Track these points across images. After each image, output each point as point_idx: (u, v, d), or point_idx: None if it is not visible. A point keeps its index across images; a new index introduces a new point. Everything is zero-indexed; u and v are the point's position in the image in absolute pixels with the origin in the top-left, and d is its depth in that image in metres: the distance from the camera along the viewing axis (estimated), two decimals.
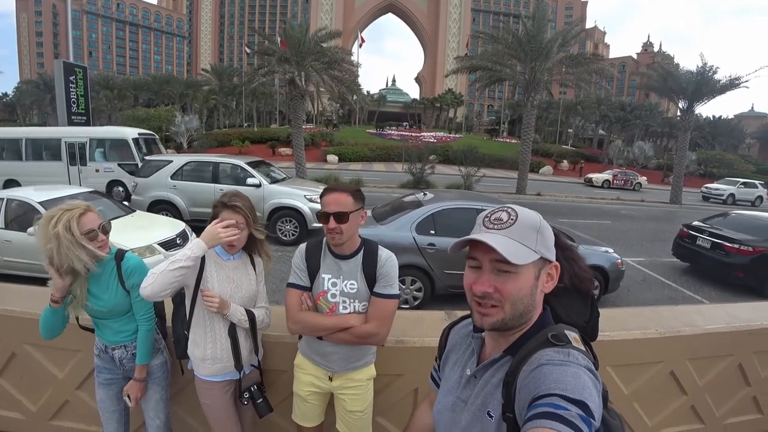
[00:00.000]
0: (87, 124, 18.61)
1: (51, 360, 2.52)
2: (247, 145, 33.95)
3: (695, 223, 8.50)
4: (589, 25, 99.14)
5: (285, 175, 10.23)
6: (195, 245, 1.67)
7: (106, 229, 1.82)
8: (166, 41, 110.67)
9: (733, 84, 18.88)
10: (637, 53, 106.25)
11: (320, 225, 5.31)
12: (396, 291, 1.76)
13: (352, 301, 1.76)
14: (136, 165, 12.06)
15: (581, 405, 0.70)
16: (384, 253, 1.79)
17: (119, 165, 12.75)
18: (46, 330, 1.86)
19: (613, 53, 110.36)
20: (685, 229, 8.46)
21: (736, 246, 7.24)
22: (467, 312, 1.08)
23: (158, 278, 1.61)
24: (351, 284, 1.75)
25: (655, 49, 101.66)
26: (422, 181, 17.80)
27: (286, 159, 25.68)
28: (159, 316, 2.10)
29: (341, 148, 34.06)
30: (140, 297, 1.84)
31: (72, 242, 1.66)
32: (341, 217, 1.65)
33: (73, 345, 2.36)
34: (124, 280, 1.88)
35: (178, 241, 6.09)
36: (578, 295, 0.96)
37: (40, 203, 5.72)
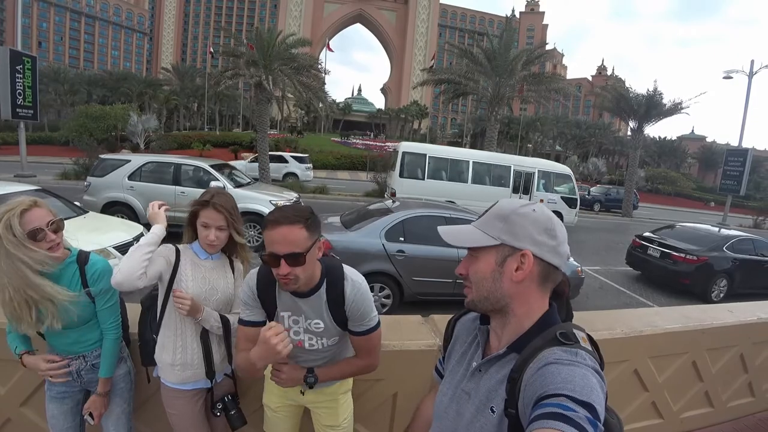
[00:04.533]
0: (34, 118, 17.43)
1: None
2: (209, 149, 32.98)
3: (646, 233, 9.06)
4: (549, 46, 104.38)
5: (249, 180, 9.98)
6: (153, 228, 1.73)
7: (58, 227, 1.60)
8: (125, 36, 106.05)
9: (677, 108, 20.50)
10: (592, 75, 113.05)
11: None
12: (374, 321, 1.49)
13: (319, 338, 1.50)
14: (576, 200, 14.19)
15: (588, 407, 0.70)
16: (349, 287, 1.44)
17: (562, 198, 13.88)
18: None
19: (570, 74, 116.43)
20: (637, 240, 9.01)
21: (682, 255, 7.79)
22: (446, 315, 1.20)
23: (126, 264, 1.56)
24: (316, 323, 1.47)
25: (608, 72, 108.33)
26: (387, 190, 17.89)
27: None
28: (122, 322, 1.91)
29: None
30: (108, 304, 1.73)
31: (14, 243, 1.45)
32: (295, 259, 1.28)
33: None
34: (89, 285, 1.68)
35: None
36: (553, 295, 0.96)
37: None
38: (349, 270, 1.49)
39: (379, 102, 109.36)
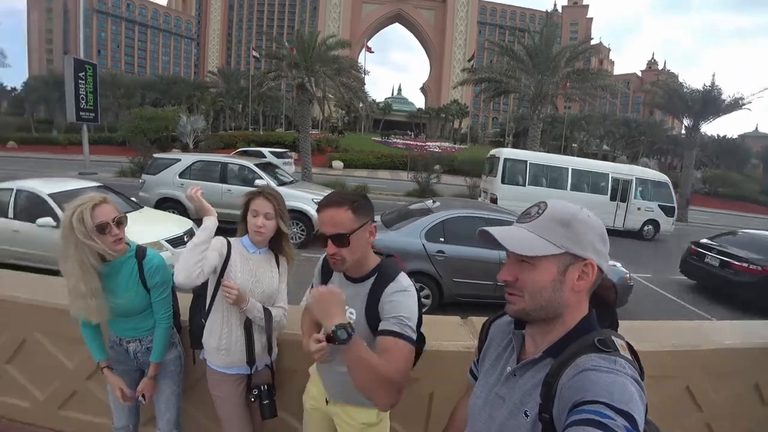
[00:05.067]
0: (95, 120, 18.70)
1: (61, 349, 2.51)
2: (254, 147, 34.06)
3: (704, 240, 8.46)
4: (594, 41, 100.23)
5: (292, 179, 10.25)
6: (204, 222, 1.80)
7: (120, 222, 1.76)
8: (174, 42, 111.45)
9: (737, 104, 19.04)
10: (641, 70, 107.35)
11: None
12: (406, 332, 1.28)
13: None
14: (674, 208, 13.97)
15: (627, 416, 0.68)
16: (396, 284, 1.38)
17: (659, 206, 13.70)
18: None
19: (618, 70, 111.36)
20: (693, 247, 8.43)
21: (745, 264, 7.20)
22: (486, 317, 1.16)
23: (183, 264, 1.65)
24: (350, 312, 1.43)
25: (659, 67, 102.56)
26: (428, 190, 17.85)
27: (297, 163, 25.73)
28: (173, 310, 2.08)
29: (346, 154, 34.07)
30: (162, 296, 1.88)
31: (83, 234, 1.62)
32: (340, 239, 1.34)
33: None
34: (146, 279, 1.84)
35: (185, 239, 6.08)
36: (598, 302, 0.93)
37: (49, 195, 5.74)
38: (403, 277, 1.43)
39: (419, 101, 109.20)
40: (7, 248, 5.62)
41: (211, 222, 1.79)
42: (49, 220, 5.50)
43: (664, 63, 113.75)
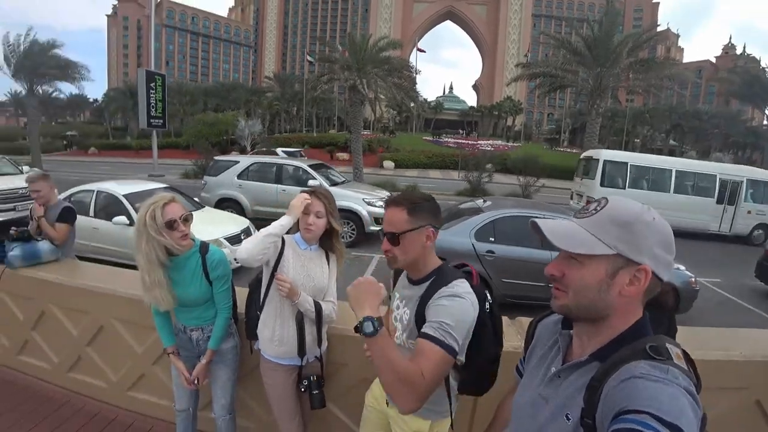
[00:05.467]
0: (163, 127, 20.14)
1: (133, 335, 2.73)
2: (307, 149, 35.13)
3: None
4: (661, 27, 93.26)
5: (344, 179, 10.45)
6: (283, 219, 1.85)
7: (187, 219, 1.92)
8: (233, 51, 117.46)
9: None
10: (715, 57, 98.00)
11: (378, 228, 5.40)
12: (443, 337, 1.22)
13: (402, 333, 1.48)
14: None
15: (675, 430, 0.63)
16: (448, 289, 1.33)
17: None
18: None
19: (688, 57, 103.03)
20: None
21: None
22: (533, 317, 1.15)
23: (251, 245, 1.76)
24: (405, 313, 1.47)
25: (738, 52, 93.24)
26: (479, 189, 17.51)
27: (343, 164, 26.29)
28: (232, 302, 2.20)
29: (398, 154, 34.23)
30: (223, 288, 2.01)
31: (155, 230, 1.79)
32: (392, 238, 1.38)
33: (153, 322, 2.56)
34: (208, 272, 1.99)
35: (242, 237, 6.39)
36: (654, 306, 0.89)
37: (124, 195, 6.25)
38: (460, 283, 1.35)
39: (470, 99, 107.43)
40: (87, 243, 6.18)
41: (288, 221, 1.86)
42: (123, 218, 6.00)
43: (744, 47, 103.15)
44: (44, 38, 23.71)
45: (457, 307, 1.28)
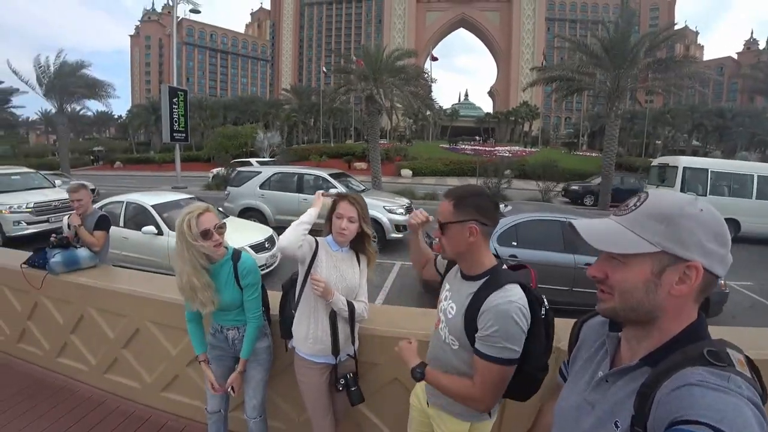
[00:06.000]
0: (185, 140, 20.69)
1: (167, 337, 2.82)
2: (325, 159, 35.51)
3: None
4: (679, 25, 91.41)
5: (364, 187, 10.55)
6: (310, 210, 2.01)
7: (221, 229, 2.00)
8: (251, 65, 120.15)
9: None
10: (737, 53, 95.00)
11: (399, 235, 5.53)
12: (498, 354, 1.27)
13: (445, 326, 1.49)
14: None
15: None
16: (496, 299, 1.30)
17: None
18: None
19: (708, 54, 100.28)
20: None
21: None
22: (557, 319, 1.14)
23: (288, 234, 1.87)
24: (451, 307, 1.46)
25: (761, 47, 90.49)
26: (498, 195, 17.40)
27: (361, 173, 26.49)
28: (264, 305, 2.27)
29: (415, 162, 34.25)
30: (253, 296, 2.08)
31: (192, 238, 1.88)
32: (440, 227, 1.43)
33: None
34: (239, 279, 2.06)
35: (266, 245, 6.51)
36: None
37: (152, 206, 6.45)
38: (514, 289, 1.31)
39: (486, 106, 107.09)
40: (117, 252, 6.37)
41: (315, 212, 2.00)
42: (151, 228, 6.19)
43: (766, 41, 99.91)
44: (72, 59, 24.87)
45: (510, 315, 1.27)
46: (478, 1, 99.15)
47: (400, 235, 8.58)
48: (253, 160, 24.54)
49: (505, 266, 1.45)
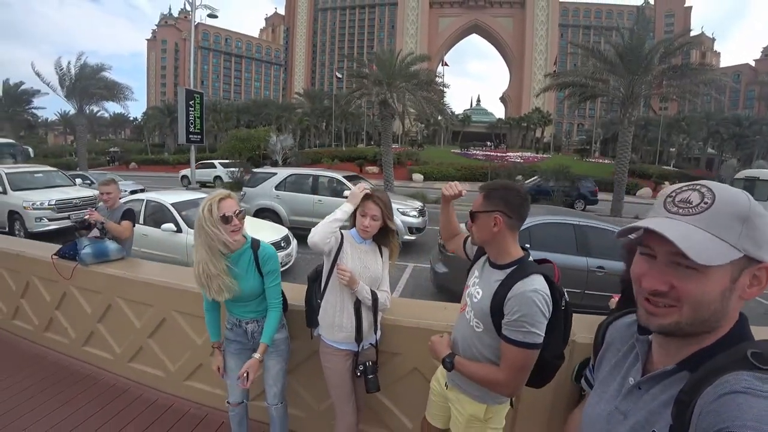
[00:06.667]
0: (201, 142, 20.97)
1: (193, 327, 2.90)
2: (337, 163, 35.71)
3: None
4: (695, 32, 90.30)
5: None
6: (344, 206, 2.04)
7: (240, 216, 2.03)
8: (265, 69, 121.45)
9: None
10: (755, 60, 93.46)
11: (412, 237, 5.67)
12: (524, 338, 1.36)
13: (471, 310, 1.57)
14: None
15: None
16: (523, 286, 1.38)
17: None
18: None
19: (725, 62, 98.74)
20: None
21: None
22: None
23: (320, 229, 1.95)
24: (477, 292, 1.55)
25: None
26: None
27: (373, 177, 26.58)
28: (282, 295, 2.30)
29: (426, 167, 34.33)
30: (274, 283, 2.13)
31: (211, 222, 1.91)
32: (471, 215, 1.56)
33: None
34: (260, 266, 2.10)
35: (282, 244, 6.60)
36: None
37: (171, 204, 6.60)
38: (539, 279, 1.41)
39: (498, 111, 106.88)
40: (137, 249, 6.49)
41: (350, 208, 2.04)
42: (171, 225, 6.33)
43: None
44: (92, 62, 25.50)
45: (534, 301, 1.36)
46: (491, 8, 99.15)
47: (413, 237, 8.62)
48: (216, 162, 26.07)
49: (531, 258, 1.53)
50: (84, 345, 3.50)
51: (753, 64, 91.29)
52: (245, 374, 2.01)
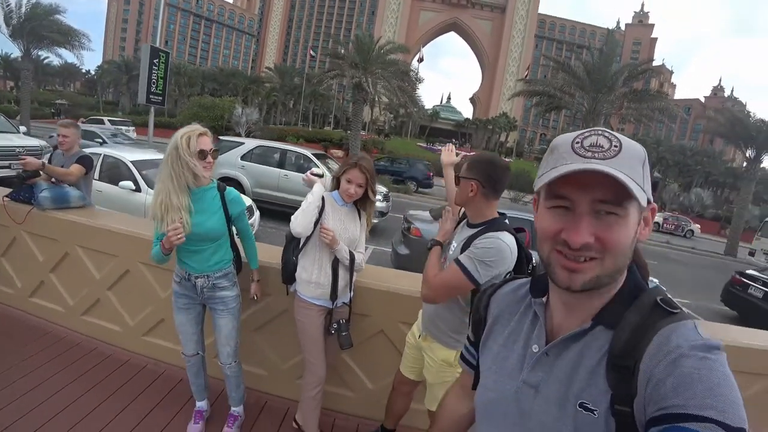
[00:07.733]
0: (161, 104, 19.84)
1: (158, 280, 2.83)
2: (302, 142, 35.14)
3: (750, 271, 8.19)
4: (656, 62, 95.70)
5: None
6: (315, 188, 2.14)
7: (214, 155, 2.02)
8: (236, 38, 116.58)
9: None
10: (705, 96, 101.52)
11: (375, 221, 5.81)
12: (465, 263, 1.52)
13: (446, 263, 1.75)
14: None
15: None
16: (491, 235, 1.54)
17: None
18: (158, 262, 2.06)
19: (679, 94, 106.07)
20: (737, 277, 8.15)
21: None
22: None
23: (301, 217, 2.05)
24: (453, 245, 1.75)
25: (726, 94, 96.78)
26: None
27: (338, 160, 26.36)
28: (234, 251, 2.28)
29: (391, 156, 34.52)
30: (244, 221, 2.26)
31: (188, 153, 1.89)
32: (456, 178, 1.77)
33: None
34: (227, 207, 2.11)
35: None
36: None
37: (132, 161, 6.31)
38: (507, 235, 1.55)
39: (466, 111, 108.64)
40: None
41: (320, 188, 2.14)
42: (129, 183, 6.05)
43: (732, 90, 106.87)
44: (45, 1, 23.36)
45: (493, 247, 1.52)
46: (472, 8, 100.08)
47: (376, 221, 8.73)
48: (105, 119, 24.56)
49: (507, 221, 1.70)
50: (31, 296, 3.30)
51: (703, 99, 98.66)
52: (255, 295, 2.40)
